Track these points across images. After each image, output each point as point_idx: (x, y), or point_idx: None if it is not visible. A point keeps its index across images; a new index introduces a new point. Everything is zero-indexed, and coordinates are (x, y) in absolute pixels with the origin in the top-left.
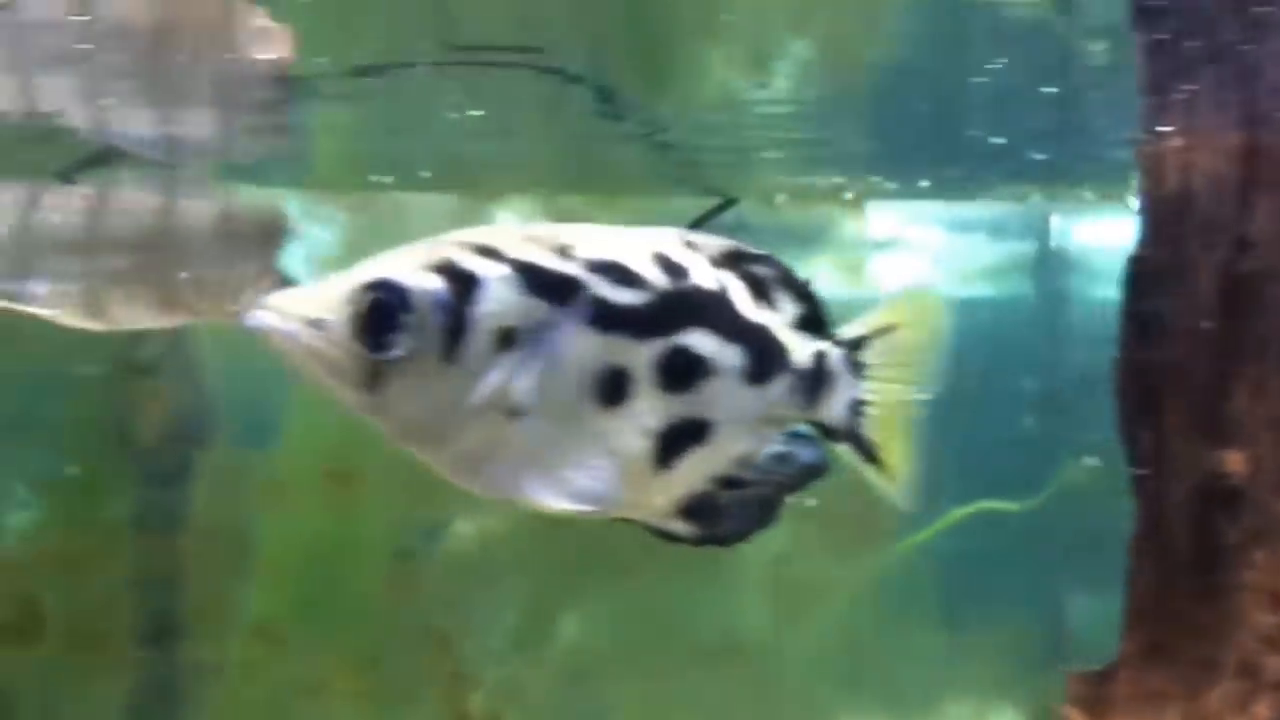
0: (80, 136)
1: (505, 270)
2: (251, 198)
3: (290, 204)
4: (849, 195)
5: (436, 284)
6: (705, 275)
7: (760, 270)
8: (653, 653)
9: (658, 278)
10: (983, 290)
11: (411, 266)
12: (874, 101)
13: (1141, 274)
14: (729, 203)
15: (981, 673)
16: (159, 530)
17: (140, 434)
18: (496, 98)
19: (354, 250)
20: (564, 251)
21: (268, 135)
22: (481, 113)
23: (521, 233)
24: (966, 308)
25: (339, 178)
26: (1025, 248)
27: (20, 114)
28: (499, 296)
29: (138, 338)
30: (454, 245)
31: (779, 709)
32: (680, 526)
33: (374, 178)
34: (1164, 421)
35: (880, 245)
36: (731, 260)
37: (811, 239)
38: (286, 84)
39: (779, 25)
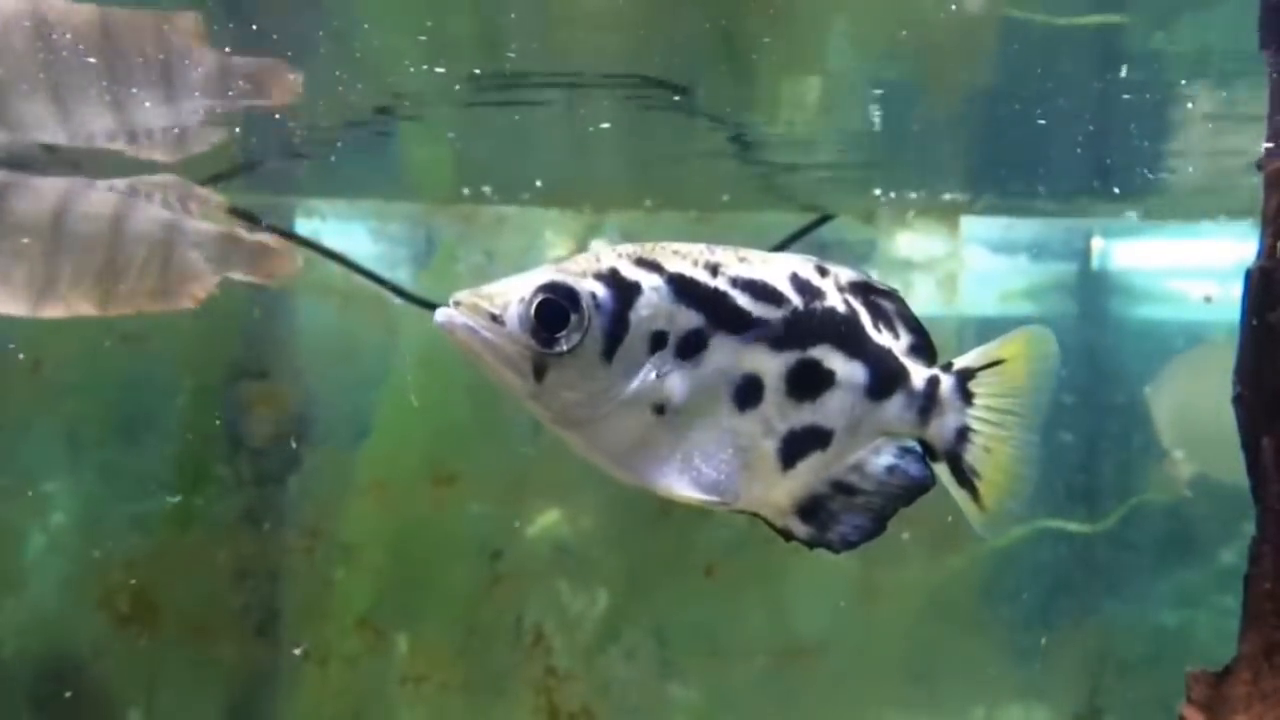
0: None
1: (661, 281)
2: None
3: (402, 214)
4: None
5: (601, 289)
6: (836, 299)
7: (883, 302)
8: (733, 651)
9: (794, 297)
10: (1024, 309)
11: (580, 272)
12: (966, 123)
13: (1263, 284)
14: (824, 219)
15: (1040, 673)
16: (266, 526)
17: (250, 435)
18: (599, 118)
19: (458, 258)
20: (714, 269)
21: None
22: (584, 131)
23: (677, 249)
24: (1007, 326)
25: (448, 191)
26: (1067, 268)
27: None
28: (655, 304)
29: (251, 343)
30: (619, 256)
31: (854, 707)
32: (798, 526)
33: (481, 191)
34: None
35: (920, 265)
36: (858, 290)
37: (861, 257)
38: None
39: (874, 48)
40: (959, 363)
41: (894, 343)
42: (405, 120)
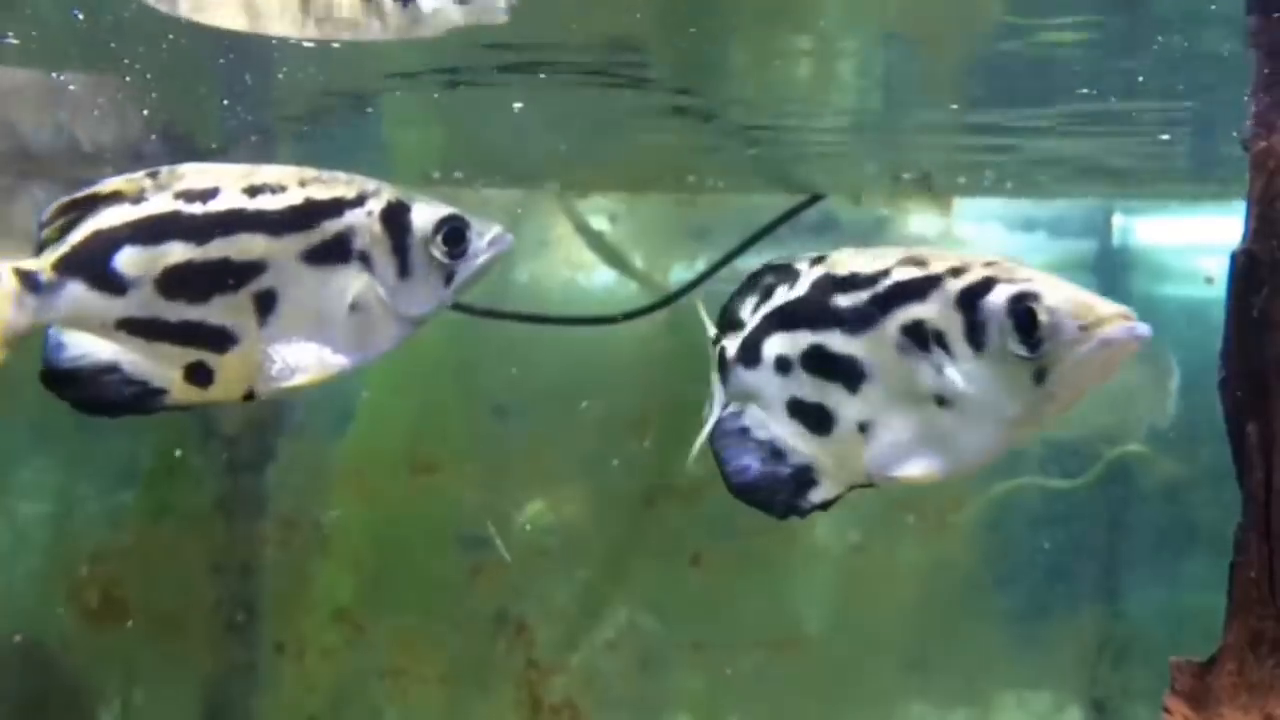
0: None
1: None
2: None
3: None
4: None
5: None
6: None
7: None
8: (721, 641)
9: None
10: None
11: None
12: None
13: (1248, 267)
14: (814, 199)
15: (1037, 661)
16: (241, 516)
17: (224, 423)
18: (580, 98)
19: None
20: None
21: None
22: (568, 113)
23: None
24: None
25: (425, 174)
26: (1086, 246)
27: None
28: None
29: None
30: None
31: (846, 697)
32: None
33: (460, 174)
34: (1271, 412)
35: (934, 244)
36: None
37: (869, 236)
38: None
39: (866, 23)
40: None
41: None
42: (386, 101)
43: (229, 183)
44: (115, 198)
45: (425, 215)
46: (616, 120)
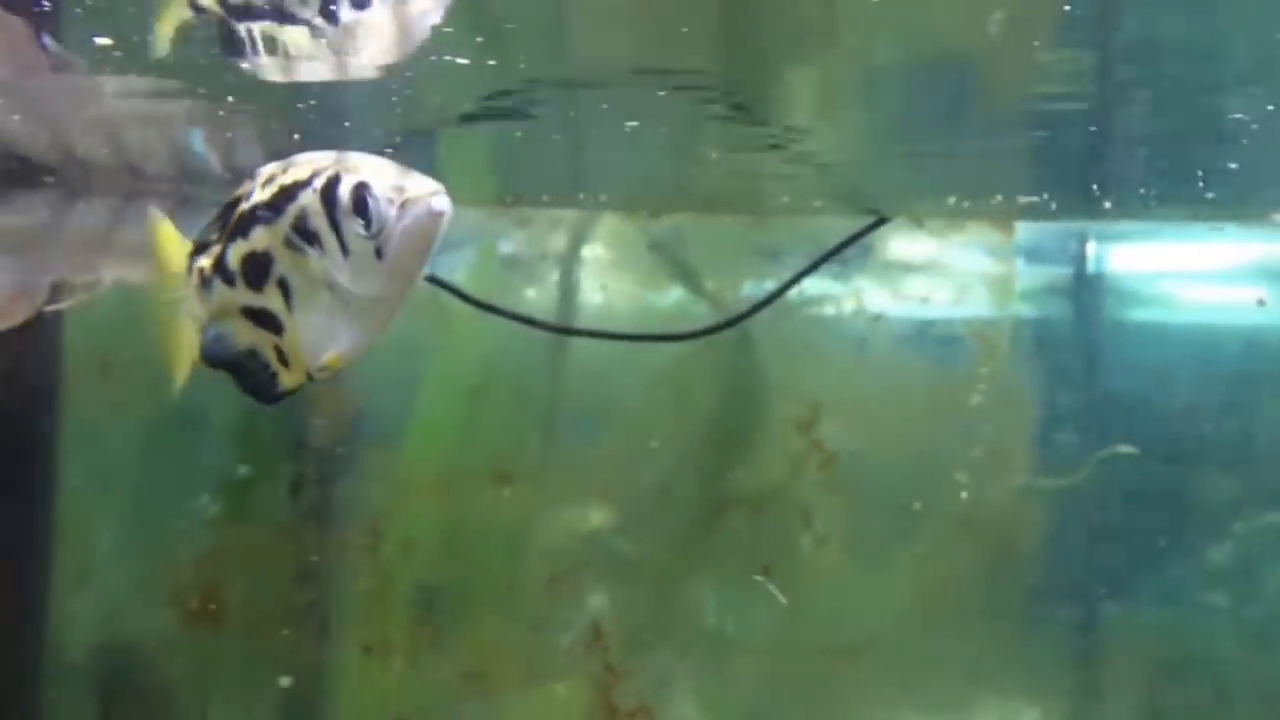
0: None
1: None
2: None
3: (465, 217)
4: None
5: None
6: None
7: None
8: (789, 650)
9: None
10: (1021, 312)
11: None
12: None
13: None
14: (879, 222)
15: (1086, 680)
16: (329, 523)
17: (311, 435)
18: (647, 117)
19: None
20: None
21: None
22: (633, 135)
23: None
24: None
25: (500, 195)
26: (1062, 272)
27: None
28: None
29: None
30: None
31: (909, 705)
32: None
33: (534, 194)
34: None
35: (916, 268)
36: None
37: (855, 259)
38: None
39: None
40: None
41: None
42: (454, 124)
43: (260, 180)
44: (238, 201)
45: (346, 187)
46: (687, 142)
